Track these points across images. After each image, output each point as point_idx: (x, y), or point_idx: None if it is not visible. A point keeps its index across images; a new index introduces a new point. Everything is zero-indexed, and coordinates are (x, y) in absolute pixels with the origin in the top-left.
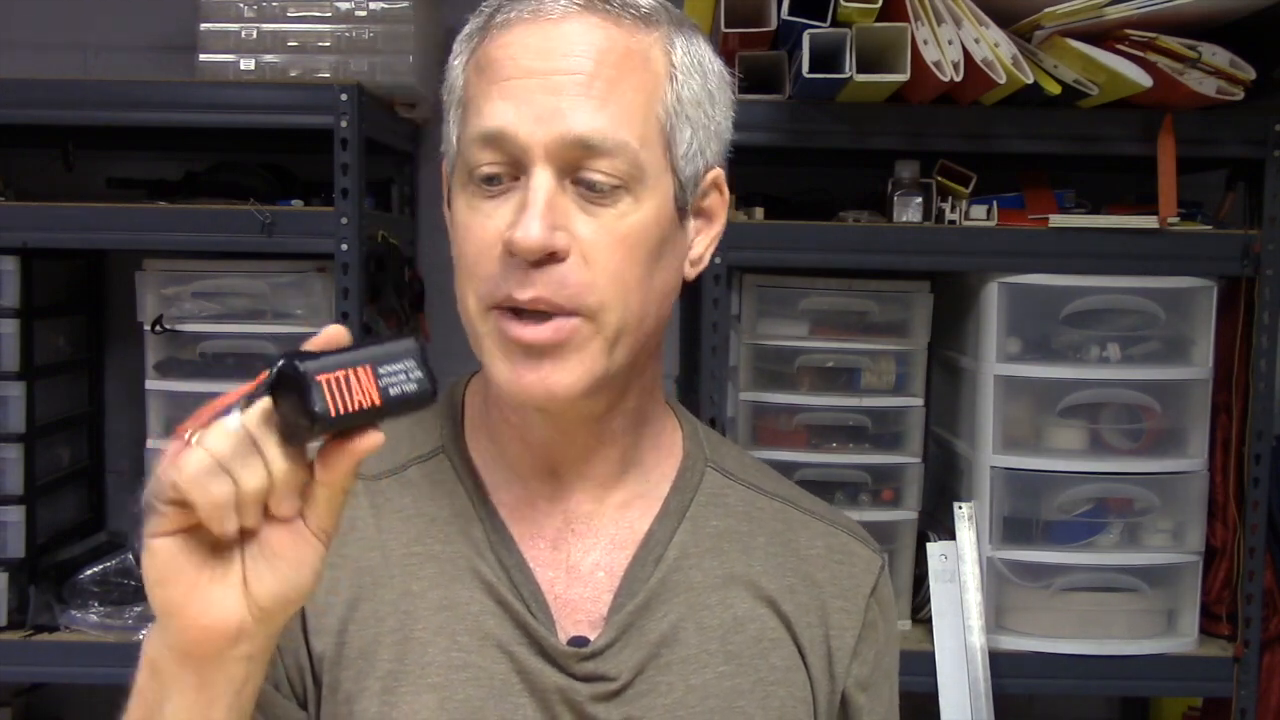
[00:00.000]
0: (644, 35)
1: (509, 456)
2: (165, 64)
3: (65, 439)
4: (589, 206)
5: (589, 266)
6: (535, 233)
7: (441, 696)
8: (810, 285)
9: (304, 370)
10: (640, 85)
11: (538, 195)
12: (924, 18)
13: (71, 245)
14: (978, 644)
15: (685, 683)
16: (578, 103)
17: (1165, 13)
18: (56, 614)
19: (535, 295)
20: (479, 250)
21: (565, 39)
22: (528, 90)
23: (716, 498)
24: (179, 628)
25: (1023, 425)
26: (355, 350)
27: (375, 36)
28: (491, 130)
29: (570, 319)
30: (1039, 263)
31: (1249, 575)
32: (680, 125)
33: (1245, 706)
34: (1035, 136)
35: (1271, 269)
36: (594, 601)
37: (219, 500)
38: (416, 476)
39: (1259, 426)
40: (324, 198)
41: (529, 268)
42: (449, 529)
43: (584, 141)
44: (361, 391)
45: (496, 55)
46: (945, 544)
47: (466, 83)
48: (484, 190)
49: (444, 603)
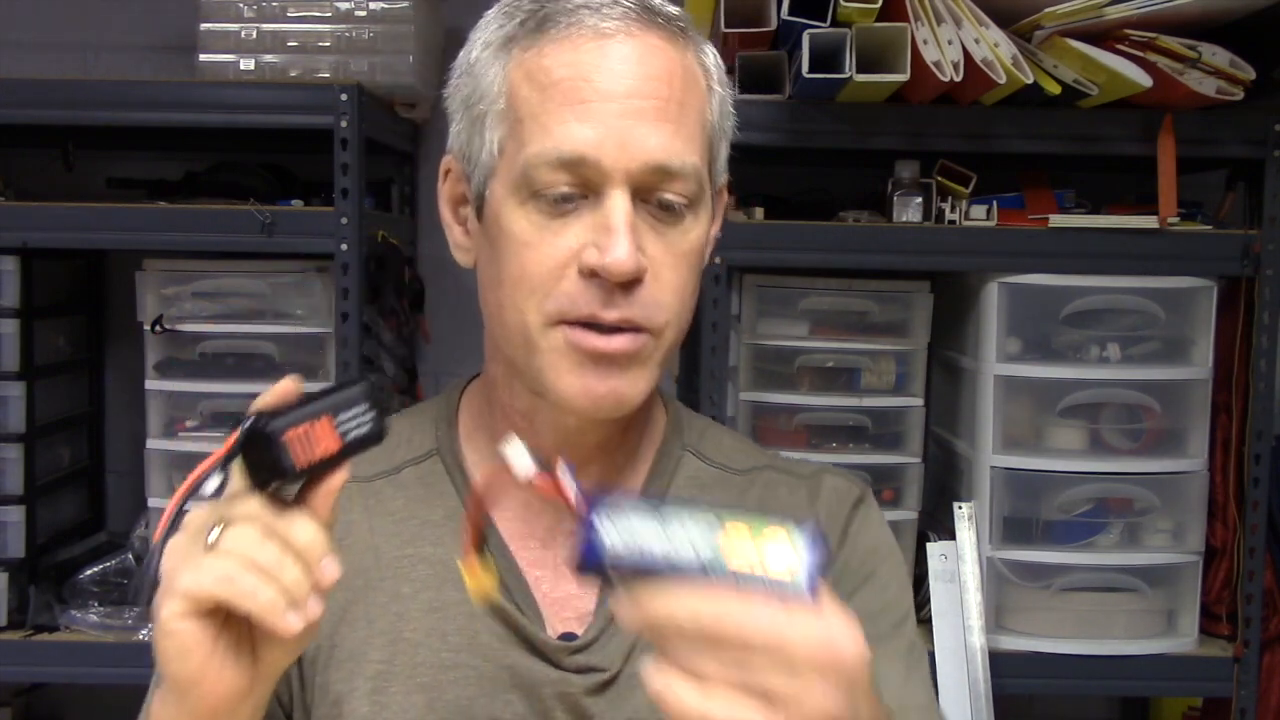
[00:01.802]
0: (690, 51)
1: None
2: (165, 64)
3: (65, 439)
4: (659, 226)
5: (659, 286)
6: (626, 256)
7: (431, 696)
8: (810, 285)
9: (271, 430)
10: (697, 105)
11: (621, 218)
12: (924, 18)
13: (71, 245)
14: (978, 644)
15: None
16: (658, 128)
17: (1165, 13)
18: (56, 614)
19: (621, 316)
20: (550, 269)
21: (636, 59)
22: (607, 114)
23: (693, 480)
24: (196, 696)
25: (1023, 425)
26: (314, 403)
27: (375, 36)
28: (571, 155)
29: (641, 334)
30: (1039, 263)
31: (1249, 575)
32: (719, 139)
33: (1245, 706)
34: (1035, 136)
35: (1271, 269)
36: (580, 598)
37: (271, 604)
38: (410, 478)
39: (1259, 426)
40: (324, 198)
41: (614, 290)
42: (440, 531)
43: (664, 168)
44: (323, 441)
45: (562, 74)
46: (945, 544)
47: (516, 95)
48: (555, 209)
49: (434, 604)
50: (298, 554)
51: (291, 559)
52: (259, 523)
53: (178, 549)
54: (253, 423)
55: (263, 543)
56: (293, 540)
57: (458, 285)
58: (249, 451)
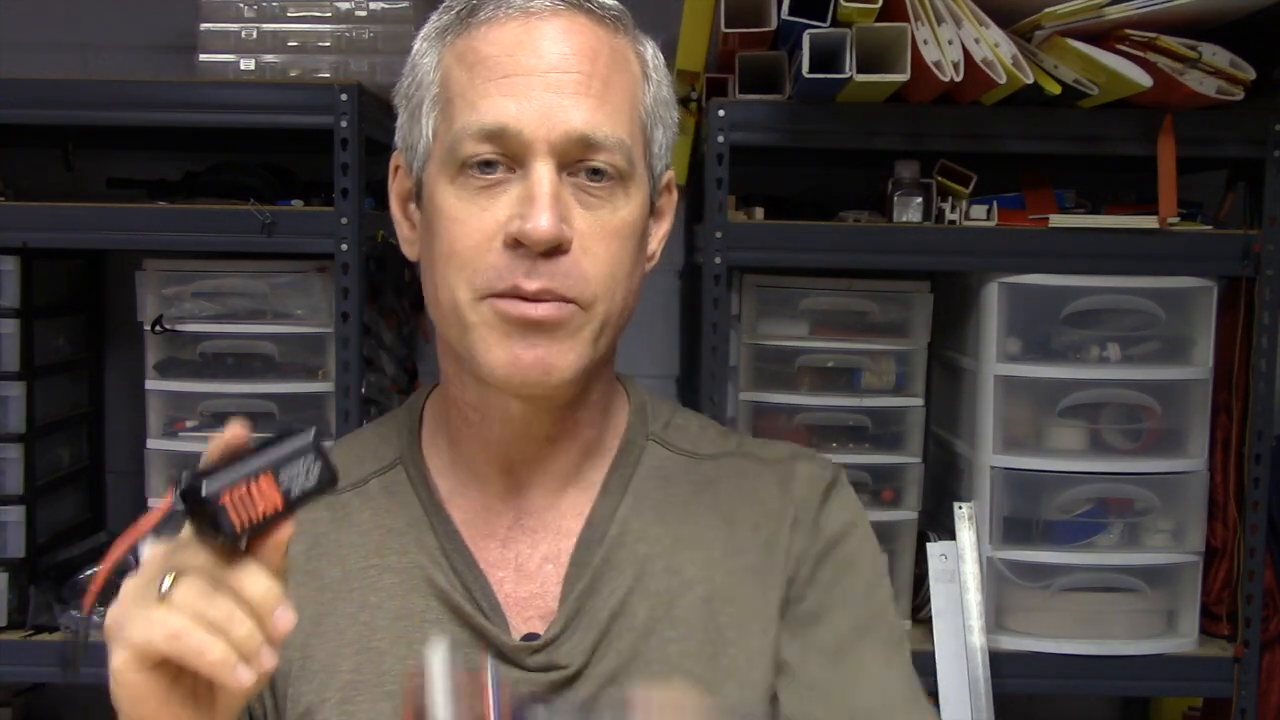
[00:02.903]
0: (621, 38)
1: (465, 458)
2: (165, 64)
3: (65, 439)
4: (586, 199)
5: (587, 259)
6: (547, 224)
7: (397, 704)
8: (810, 285)
9: (207, 495)
10: (626, 86)
11: (544, 187)
12: (924, 18)
13: (71, 245)
14: (978, 644)
15: (634, 649)
16: (579, 100)
17: (1165, 13)
18: (56, 614)
19: (542, 286)
20: (477, 242)
21: (561, 37)
22: (529, 87)
23: (657, 470)
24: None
25: (1023, 425)
26: (254, 458)
27: (375, 36)
28: (493, 126)
29: (567, 304)
30: (1039, 263)
31: (1249, 575)
32: (654, 125)
33: (1245, 706)
34: (1035, 136)
35: (1271, 269)
36: (543, 596)
37: (221, 661)
38: (376, 489)
39: (1259, 426)
40: (324, 198)
41: (536, 259)
42: (404, 539)
43: (586, 139)
44: (264, 500)
45: (489, 51)
46: (945, 544)
47: (448, 78)
48: (478, 180)
49: (401, 613)
50: (251, 607)
51: (243, 613)
52: (208, 575)
53: (130, 594)
54: (188, 483)
55: (212, 598)
56: (245, 593)
57: None
58: (190, 510)
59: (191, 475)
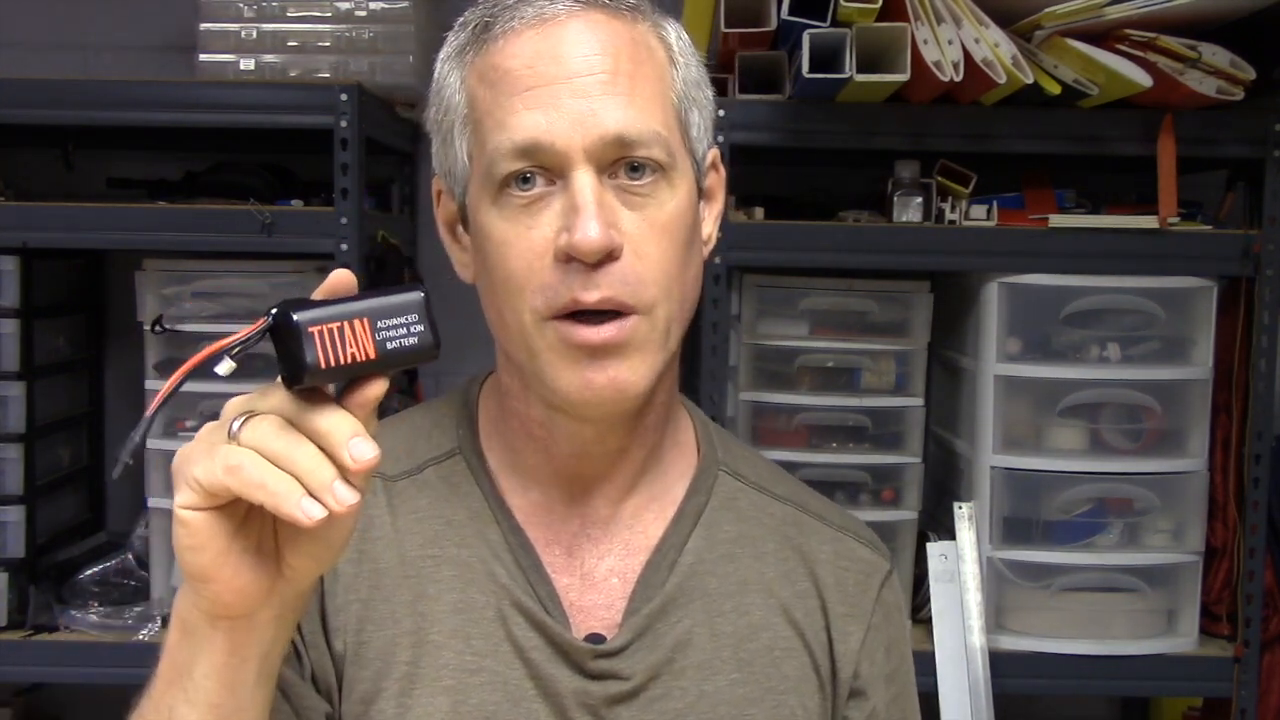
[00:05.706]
0: (640, 25)
1: (526, 465)
2: (165, 64)
3: (65, 439)
4: (631, 199)
5: (640, 261)
6: (595, 233)
7: (455, 700)
8: (810, 285)
9: (297, 321)
10: (653, 74)
11: (588, 196)
12: (924, 18)
13: (71, 245)
14: (978, 644)
15: (698, 688)
16: (607, 101)
17: (1165, 13)
18: (56, 614)
19: (602, 296)
20: (529, 262)
21: (577, 40)
22: (555, 96)
23: (730, 502)
24: (211, 593)
25: (1023, 425)
26: (356, 301)
27: (375, 36)
28: (525, 143)
29: (629, 318)
30: (1039, 263)
31: (1249, 575)
32: (689, 108)
33: (1245, 706)
34: (1035, 136)
35: (1271, 269)
36: (607, 608)
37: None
38: (433, 478)
39: (1259, 426)
40: (324, 198)
41: (589, 270)
42: (465, 531)
43: (622, 138)
44: (356, 344)
45: (510, 66)
46: (945, 544)
47: (474, 99)
48: (519, 197)
49: (459, 605)
50: (320, 439)
51: (311, 446)
52: (281, 413)
53: (202, 434)
54: (280, 309)
55: (279, 432)
56: (315, 426)
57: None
58: (277, 341)
59: (285, 301)
